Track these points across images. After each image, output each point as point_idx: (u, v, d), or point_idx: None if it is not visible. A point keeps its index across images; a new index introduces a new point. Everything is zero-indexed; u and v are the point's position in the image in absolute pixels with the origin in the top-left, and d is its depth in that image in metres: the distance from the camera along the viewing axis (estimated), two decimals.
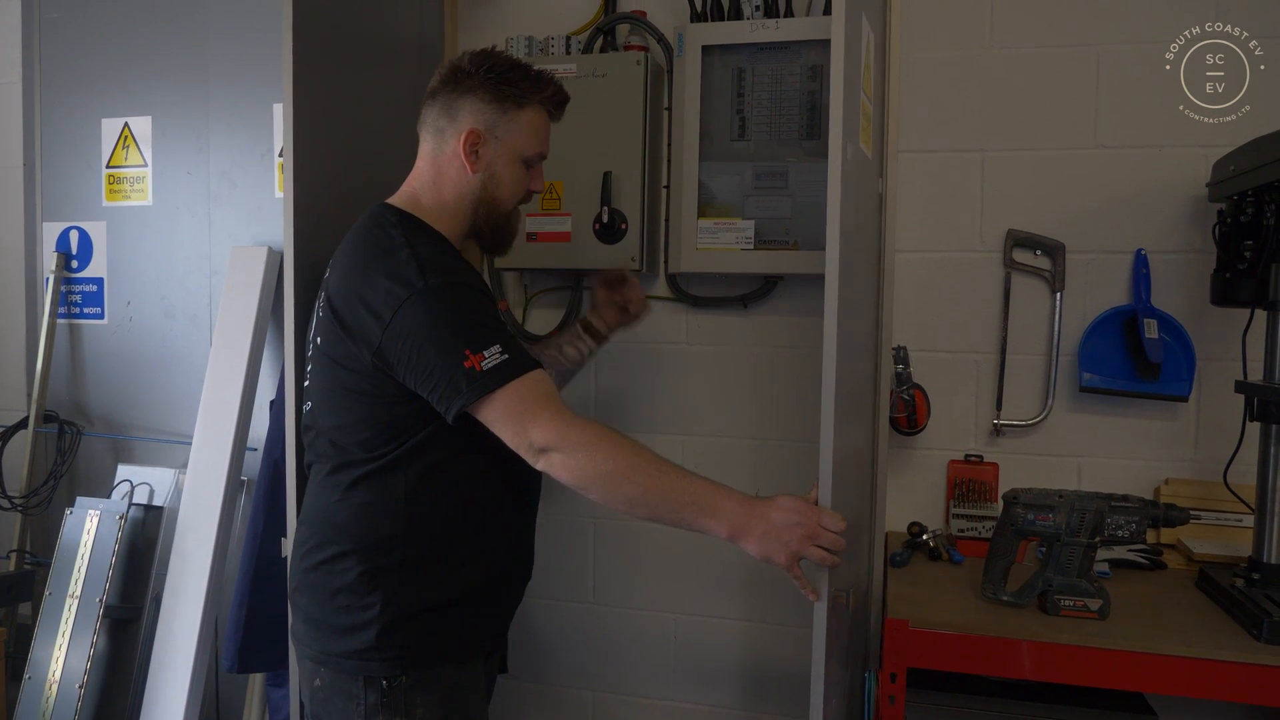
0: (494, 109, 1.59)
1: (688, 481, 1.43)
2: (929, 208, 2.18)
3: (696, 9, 2.25)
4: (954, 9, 2.16)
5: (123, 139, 2.72)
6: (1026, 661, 1.62)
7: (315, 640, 1.55)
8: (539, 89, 1.61)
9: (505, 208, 1.63)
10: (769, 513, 1.39)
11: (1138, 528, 1.67)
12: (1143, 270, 2.06)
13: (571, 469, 1.42)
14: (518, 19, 2.40)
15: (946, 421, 2.18)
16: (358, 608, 1.51)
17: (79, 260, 2.78)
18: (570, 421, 1.43)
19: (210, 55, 2.61)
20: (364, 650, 1.50)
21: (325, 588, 1.54)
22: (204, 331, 2.65)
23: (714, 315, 2.32)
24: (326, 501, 1.57)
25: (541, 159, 1.66)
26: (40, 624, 2.43)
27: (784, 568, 1.39)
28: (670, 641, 2.41)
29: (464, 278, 1.50)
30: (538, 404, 1.43)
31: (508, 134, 1.60)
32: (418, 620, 1.52)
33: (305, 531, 1.60)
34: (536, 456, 1.43)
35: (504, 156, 1.60)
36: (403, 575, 1.51)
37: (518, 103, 1.59)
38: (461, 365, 1.41)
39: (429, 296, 1.43)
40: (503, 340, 1.44)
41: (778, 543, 1.38)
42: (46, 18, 2.76)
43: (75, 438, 2.72)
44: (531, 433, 1.42)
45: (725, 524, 1.40)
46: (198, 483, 2.40)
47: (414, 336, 1.43)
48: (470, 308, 1.46)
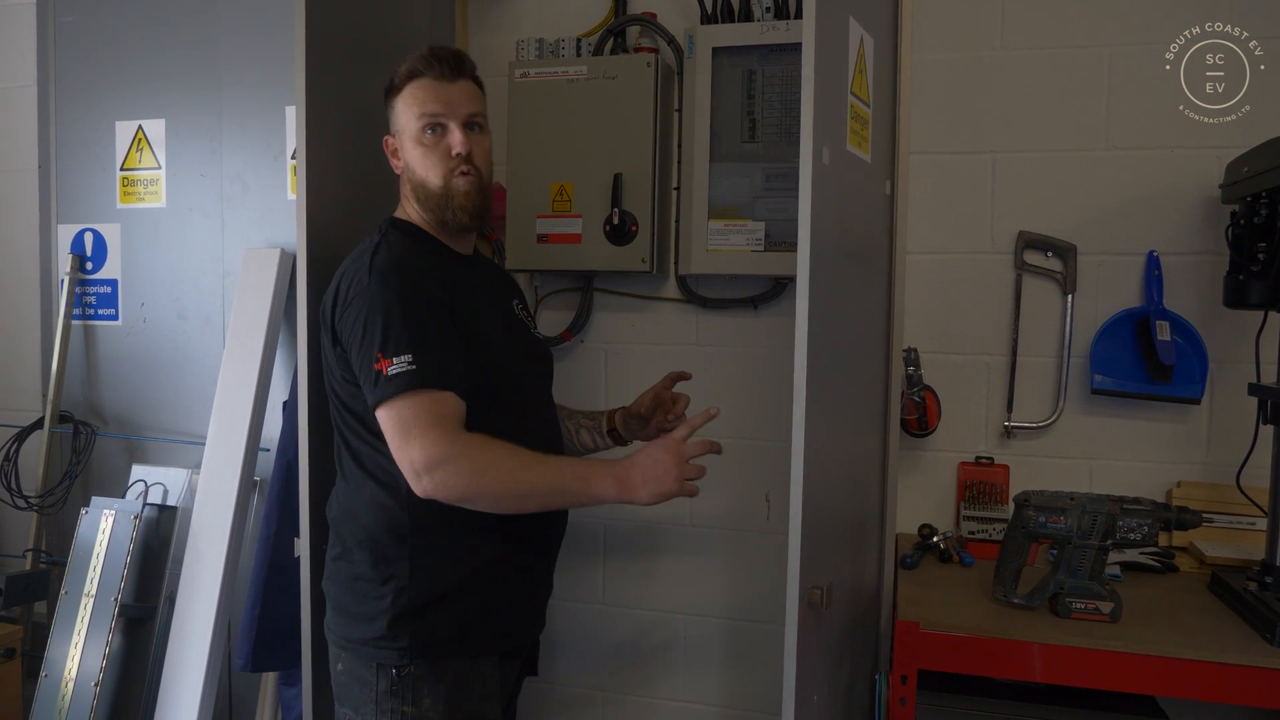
0: (388, 112, 1.71)
1: (561, 465, 1.54)
2: (940, 209, 2.18)
3: (707, 11, 2.25)
4: (965, 11, 2.15)
5: (137, 142, 2.74)
6: (1038, 664, 1.62)
7: (338, 626, 1.63)
8: (403, 69, 1.67)
9: (432, 186, 1.64)
10: (638, 462, 1.51)
11: (1150, 530, 1.67)
12: (1155, 272, 2.05)
13: (453, 486, 1.47)
14: (528, 21, 2.41)
15: (957, 423, 2.18)
16: (372, 596, 1.58)
17: (93, 262, 2.80)
18: (452, 440, 1.46)
19: (223, 58, 2.62)
20: (377, 638, 1.56)
21: (346, 575, 1.63)
22: (217, 333, 2.67)
23: (724, 316, 2.32)
24: (342, 494, 1.66)
25: (433, 119, 1.64)
26: (56, 623, 2.45)
27: (678, 494, 1.51)
28: (680, 642, 2.41)
29: (413, 283, 1.54)
30: (426, 423, 1.46)
31: (398, 124, 1.68)
32: (427, 611, 1.57)
33: (331, 525, 1.68)
34: (417, 479, 1.47)
35: (405, 144, 1.67)
36: (412, 566, 1.57)
37: (394, 94, 1.68)
38: (373, 366, 1.49)
39: (368, 295, 1.52)
40: (420, 351, 1.48)
41: (658, 480, 1.50)
42: (61, 22, 2.78)
43: (90, 438, 2.74)
44: (412, 452, 1.47)
45: (611, 487, 1.50)
46: (211, 483, 2.42)
47: (349, 330, 1.54)
48: (402, 312, 1.50)
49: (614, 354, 2.40)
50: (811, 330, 1.46)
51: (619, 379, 2.40)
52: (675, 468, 1.50)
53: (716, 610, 2.37)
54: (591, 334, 2.42)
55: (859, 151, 1.75)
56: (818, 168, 1.47)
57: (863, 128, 1.75)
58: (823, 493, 1.60)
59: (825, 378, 1.58)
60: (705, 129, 2.20)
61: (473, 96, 1.68)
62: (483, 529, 1.57)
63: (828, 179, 1.54)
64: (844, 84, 1.66)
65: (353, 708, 1.60)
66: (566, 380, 2.34)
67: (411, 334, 1.49)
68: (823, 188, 1.50)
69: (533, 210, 2.28)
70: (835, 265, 1.65)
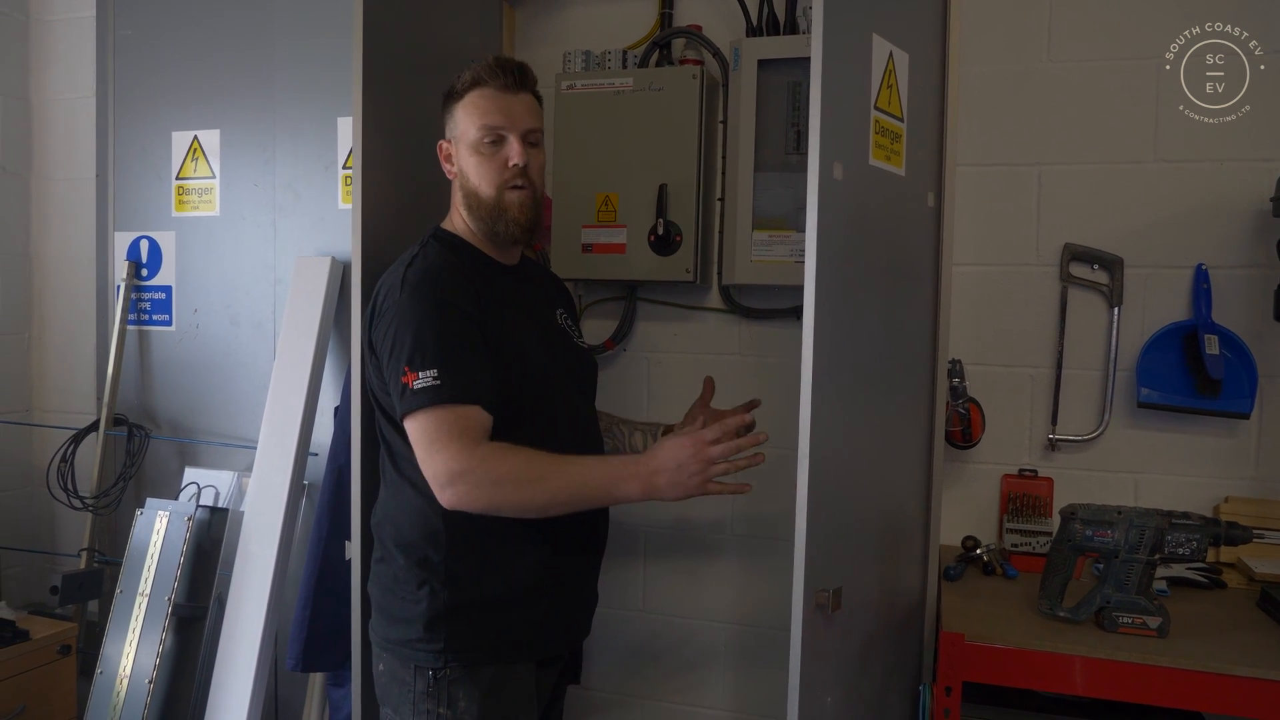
0: (445, 117, 1.72)
1: (584, 469, 1.53)
2: (985, 221, 2.18)
3: (752, 24, 2.27)
4: (1012, 22, 2.16)
5: (192, 151, 2.80)
6: (1083, 678, 1.61)
7: (380, 627, 1.67)
8: (466, 76, 1.68)
9: (485, 196, 1.65)
10: (660, 461, 1.49)
11: (1199, 546, 1.66)
12: (1203, 285, 2.04)
13: (475, 498, 1.49)
14: (575, 34, 2.44)
15: (1001, 436, 2.17)
16: (410, 599, 1.61)
17: (148, 269, 2.87)
18: (471, 453, 1.48)
19: (276, 71, 2.68)
20: (415, 640, 1.60)
21: (387, 578, 1.66)
22: (268, 339, 2.72)
23: (767, 327, 2.34)
24: (384, 498, 1.70)
25: (495, 132, 1.65)
26: (112, 621, 2.51)
27: (704, 493, 1.50)
28: (721, 650, 2.42)
29: (447, 295, 1.56)
30: (448, 437, 1.48)
31: (456, 130, 1.69)
32: (462, 614, 1.59)
33: (374, 529, 1.72)
34: (440, 491, 1.50)
35: (462, 152, 1.68)
36: (447, 570, 1.59)
37: (454, 100, 1.69)
38: (399, 379, 1.52)
39: (399, 308, 1.56)
40: (447, 365, 1.50)
41: (682, 480, 1.48)
42: (120, 35, 2.86)
43: (143, 441, 2.80)
44: (435, 464, 1.49)
45: (635, 488, 1.50)
46: (262, 486, 2.47)
47: (381, 342, 1.57)
48: (432, 326, 1.53)
49: (656, 363, 2.43)
50: (819, 338, 1.51)
51: (661, 388, 2.42)
52: (697, 466, 1.48)
53: (758, 620, 2.38)
54: (635, 343, 2.45)
55: (888, 165, 1.77)
56: (826, 182, 1.52)
57: (892, 142, 1.78)
58: (838, 499, 1.62)
59: (844, 386, 1.63)
60: (750, 140, 2.22)
61: (533, 111, 1.70)
62: (521, 536, 1.60)
63: (839, 193, 1.58)
64: (867, 99, 1.70)
65: (392, 707, 1.64)
66: (609, 388, 2.36)
67: (438, 348, 1.51)
68: (832, 202, 1.55)
69: (578, 220, 2.31)
70: (855, 276, 1.69)
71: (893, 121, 1.78)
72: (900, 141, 1.81)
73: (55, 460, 2.78)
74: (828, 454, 1.56)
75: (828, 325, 1.55)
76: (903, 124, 1.81)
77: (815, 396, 1.51)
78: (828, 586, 1.55)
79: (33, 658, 2.46)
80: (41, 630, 2.51)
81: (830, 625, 1.60)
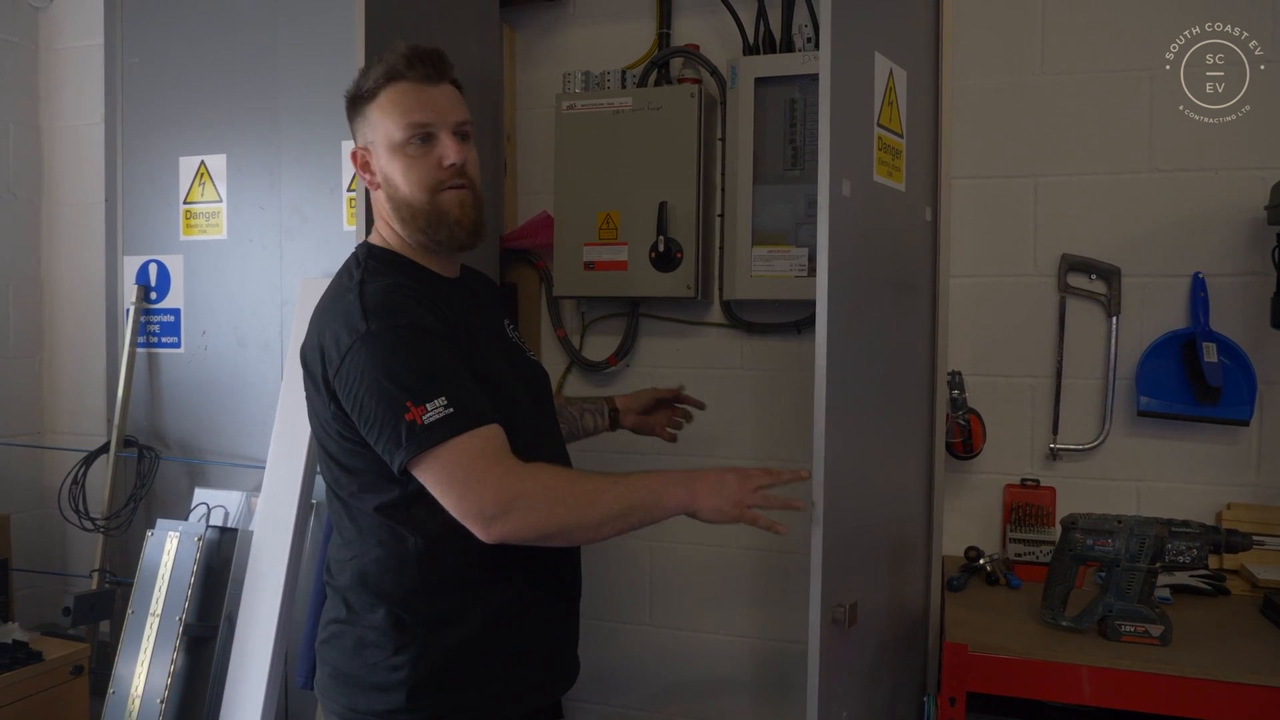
0: (355, 120, 1.53)
1: (633, 483, 1.43)
2: (983, 233, 2.20)
3: (749, 42, 2.30)
4: (1005, 37, 2.18)
5: (199, 176, 2.84)
6: (1086, 687, 1.62)
7: (343, 696, 1.48)
8: (377, 70, 1.49)
9: (419, 202, 1.47)
10: (705, 474, 1.45)
11: (1199, 553, 1.67)
12: (1201, 293, 2.05)
13: (533, 523, 1.35)
14: (574, 54, 2.47)
15: (1003, 446, 2.19)
16: (385, 667, 1.44)
17: (157, 291, 2.91)
18: (519, 475, 1.35)
19: (281, 96, 2.72)
20: (395, 711, 1.43)
21: (352, 642, 1.47)
22: (275, 360, 2.75)
23: (768, 341, 2.36)
24: (346, 555, 1.50)
25: (422, 129, 1.47)
26: (124, 641, 2.53)
27: (738, 519, 1.43)
28: (728, 664, 2.43)
29: (414, 318, 1.39)
30: (485, 464, 1.34)
31: (373, 134, 1.49)
32: (448, 676, 1.45)
33: (334, 589, 1.53)
34: (488, 525, 1.34)
35: (384, 157, 1.48)
36: (428, 629, 1.44)
37: (366, 100, 1.50)
38: (403, 418, 1.33)
39: (371, 342, 1.36)
40: (450, 391, 1.34)
41: (722, 499, 1.43)
42: (128, 63, 2.91)
43: (153, 462, 2.83)
44: (481, 498, 1.33)
45: (683, 496, 1.43)
46: (271, 505, 2.49)
47: (358, 384, 1.36)
48: (417, 354, 1.36)
49: (659, 378, 2.44)
50: (832, 354, 1.53)
51: None
52: (740, 493, 1.43)
53: (765, 633, 2.39)
54: (638, 358, 2.47)
55: (890, 181, 1.79)
56: (836, 199, 1.54)
57: (894, 158, 1.80)
58: (849, 513, 1.63)
59: (854, 401, 1.63)
60: (748, 157, 2.24)
61: (459, 102, 1.52)
62: (494, 581, 1.47)
63: (848, 209, 1.60)
64: (870, 117, 1.72)
65: None
66: None
67: (436, 375, 1.36)
68: (842, 218, 1.57)
69: (580, 238, 2.34)
70: (862, 291, 1.71)
71: (894, 138, 1.81)
72: (901, 157, 1.83)
73: (67, 482, 2.81)
74: (841, 469, 1.57)
75: (839, 342, 1.56)
76: (903, 140, 1.84)
77: (829, 412, 1.52)
78: (843, 601, 1.56)
79: (46, 678, 2.48)
80: (54, 651, 2.53)
81: (846, 640, 1.61)
